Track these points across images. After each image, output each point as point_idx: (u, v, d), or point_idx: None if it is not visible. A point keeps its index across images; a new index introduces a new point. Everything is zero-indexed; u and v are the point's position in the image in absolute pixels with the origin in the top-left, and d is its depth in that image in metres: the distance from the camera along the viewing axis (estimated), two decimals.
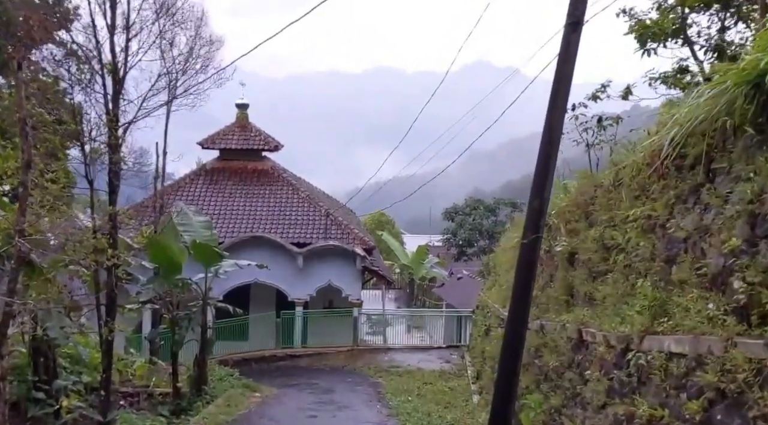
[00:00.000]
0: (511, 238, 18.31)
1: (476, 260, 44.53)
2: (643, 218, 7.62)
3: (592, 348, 8.35)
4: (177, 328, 16.65)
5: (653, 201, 7.48)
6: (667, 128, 6.83)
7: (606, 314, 8.22)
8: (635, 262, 7.74)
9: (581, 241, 10.24)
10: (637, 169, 8.06)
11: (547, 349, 10.54)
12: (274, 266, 27.05)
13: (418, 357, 26.89)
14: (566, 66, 9.29)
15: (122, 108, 14.88)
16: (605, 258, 8.99)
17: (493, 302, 19.42)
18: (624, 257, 8.07)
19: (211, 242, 16.75)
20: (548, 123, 9.39)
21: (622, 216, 8.40)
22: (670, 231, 6.89)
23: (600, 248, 9.21)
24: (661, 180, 7.32)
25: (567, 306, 10.64)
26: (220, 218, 30.20)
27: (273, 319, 28.37)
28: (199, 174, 32.75)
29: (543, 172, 9.35)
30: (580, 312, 9.38)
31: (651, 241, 7.40)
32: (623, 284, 8.01)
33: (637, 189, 8.04)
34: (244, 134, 33.61)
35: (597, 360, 7.89)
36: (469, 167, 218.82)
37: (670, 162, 7.09)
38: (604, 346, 7.71)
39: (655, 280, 7.07)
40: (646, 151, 7.83)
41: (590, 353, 8.37)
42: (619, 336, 7.23)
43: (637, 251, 7.74)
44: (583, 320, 9.03)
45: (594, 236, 9.45)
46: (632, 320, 7.12)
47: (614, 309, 8.07)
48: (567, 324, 9.57)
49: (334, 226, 29.98)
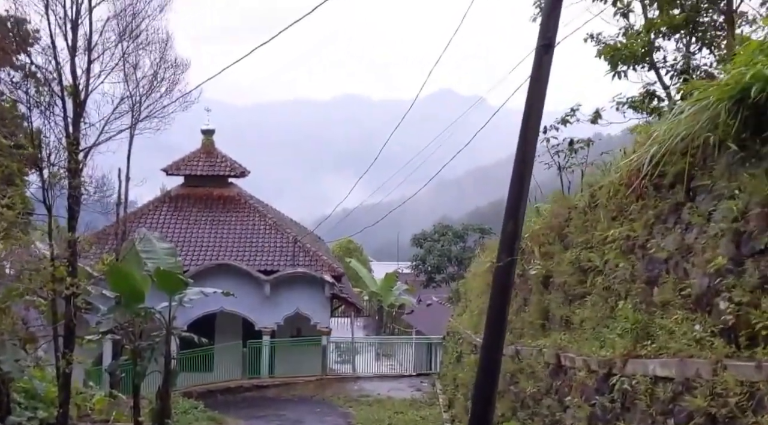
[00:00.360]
0: (482, 263, 18.14)
1: (445, 287, 44.35)
2: (622, 239, 7.47)
3: (571, 373, 8.12)
4: (139, 359, 15.97)
5: (632, 222, 7.33)
6: (645, 147, 6.70)
7: (585, 338, 8.02)
8: (614, 284, 7.57)
9: (556, 264, 10.07)
10: (613, 190, 7.93)
11: (523, 375, 10.29)
12: (241, 295, 26.36)
13: (388, 385, 26.42)
14: (538, 85, 9.24)
15: (83, 131, 14.46)
16: (582, 281, 8.81)
17: (464, 328, 19.16)
18: (602, 280, 7.90)
19: (175, 270, 16.20)
20: (521, 144, 9.29)
21: (599, 238, 8.25)
22: (651, 252, 6.74)
23: (576, 271, 9.04)
24: (639, 200, 7.18)
25: (543, 331, 10.43)
26: (184, 245, 29.54)
27: (239, 349, 27.68)
28: (163, 201, 32.08)
29: (517, 193, 9.21)
30: (557, 337, 9.17)
31: (630, 262, 7.24)
32: (602, 307, 7.83)
33: (614, 210, 7.90)
34: (209, 160, 33.10)
35: (577, 385, 7.66)
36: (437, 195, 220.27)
37: (648, 181, 6.96)
38: (584, 371, 7.49)
39: (636, 302, 6.89)
40: (622, 171, 7.71)
41: (569, 378, 8.13)
42: (601, 361, 7.02)
43: (615, 272, 7.57)
44: (560, 344, 8.81)
45: (570, 258, 9.29)
46: (614, 343, 6.92)
47: (593, 333, 7.87)
48: (544, 349, 9.34)
49: (302, 253, 29.54)
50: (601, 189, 8.40)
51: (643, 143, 6.99)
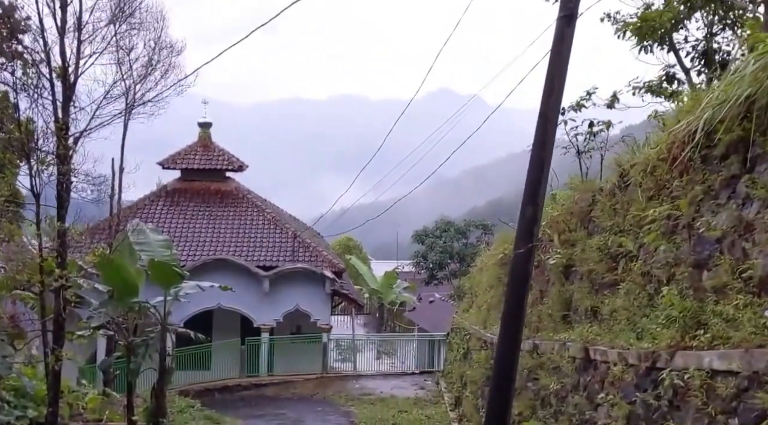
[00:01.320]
0: (492, 255, 17.42)
1: (447, 284, 43.56)
2: (662, 220, 6.75)
3: (602, 368, 7.40)
4: (132, 356, 15.25)
5: (674, 200, 6.62)
6: (696, 114, 5.96)
7: (618, 330, 7.30)
8: (654, 269, 6.84)
9: (580, 251, 9.35)
10: (651, 166, 7.20)
11: (543, 371, 9.56)
12: (239, 291, 25.72)
13: (391, 383, 25.68)
14: (559, 60, 8.58)
15: (73, 116, 13.72)
16: (612, 268, 8.09)
17: (471, 324, 18.44)
18: (638, 265, 7.16)
19: (170, 262, 15.46)
20: (541, 124, 8.62)
21: (632, 220, 7.54)
22: (700, 231, 6.01)
23: (604, 258, 8.32)
24: (683, 175, 6.46)
25: (564, 323, 9.71)
26: (181, 241, 28.77)
27: (237, 346, 26.92)
28: (159, 195, 31.28)
29: (536, 177, 8.54)
30: (584, 329, 8.44)
31: (674, 244, 6.51)
32: (639, 295, 7.10)
33: (651, 188, 7.18)
34: (206, 153, 32.30)
35: (612, 381, 6.93)
36: (434, 194, 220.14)
37: (694, 153, 6.24)
38: (620, 365, 6.76)
39: (683, 288, 6.17)
40: (661, 145, 6.98)
41: (601, 373, 7.41)
42: (641, 354, 6.29)
43: (655, 257, 6.84)
44: (588, 337, 8.09)
45: (596, 244, 8.57)
46: (656, 334, 6.20)
47: (628, 324, 7.15)
48: (569, 343, 8.62)
49: (302, 248, 28.79)
50: (634, 167, 7.68)
51: (690, 111, 6.25)
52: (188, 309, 25.50)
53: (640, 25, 11.63)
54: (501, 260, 15.71)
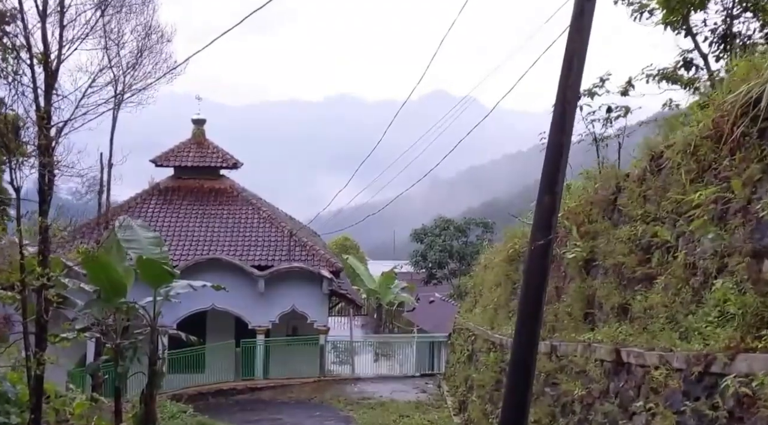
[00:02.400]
0: (498, 252, 16.67)
1: (446, 284, 42.81)
2: (710, 204, 5.96)
3: (638, 372, 6.62)
4: (120, 359, 14.45)
5: (724, 181, 5.83)
6: (754, 82, 5.18)
7: (657, 330, 6.51)
8: (700, 260, 6.06)
9: (603, 244, 8.57)
10: (692, 146, 6.42)
11: (564, 375, 8.77)
12: (234, 291, 24.87)
13: (391, 386, 24.87)
14: (580, 37, 7.82)
15: (56, 105, 12.92)
16: (644, 260, 7.32)
17: (476, 325, 17.65)
18: (682, 256, 6.37)
19: (160, 260, 14.63)
20: (559, 106, 7.86)
21: (669, 207, 6.75)
22: (760, 215, 5.23)
23: (635, 250, 7.54)
24: (736, 153, 5.67)
25: (586, 323, 8.92)
26: (174, 239, 27.95)
27: (232, 349, 26.07)
28: (151, 194, 30.43)
29: (554, 163, 7.79)
30: (613, 329, 7.65)
31: (725, 231, 5.72)
32: (681, 290, 6.32)
33: (694, 170, 6.39)
34: (200, 150, 31.47)
35: (653, 387, 6.13)
36: (430, 195, 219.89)
37: (750, 127, 5.46)
38: (662, 370, 5.97)
39: (738, 281, 5.39)
40: (706, 120, 6.20)
41: (636, 378, 6.63)
42: (691, 357, 5.50)
43: (701, 246, 6.06)
44: (618, 338, 7.30)
45: (624, 235, 7.79)
46: (709, 334, 5.41)
47: (669, 322, 6.37)
48: (595, 344, 7.83)
49: (298, 247, 27.98)
50: (671, 148, 6.90)
51: (745, 78, 5.47)
52: (181, 310, 24.72)
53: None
54: (509, 256, 14.96)
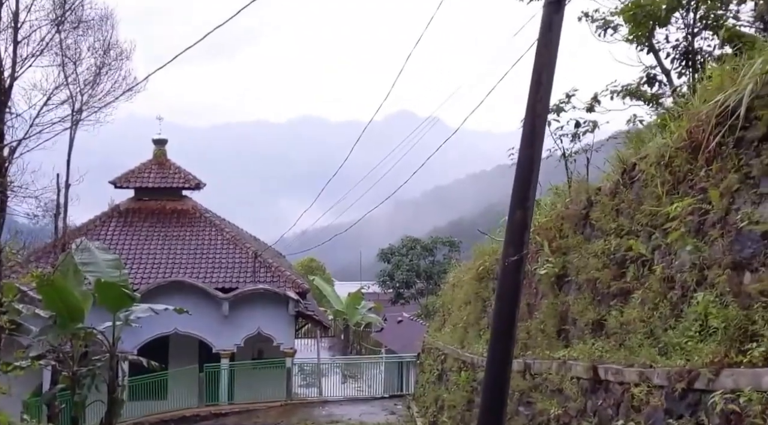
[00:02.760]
0: (467, 270, 16.51)
1: (413, 303, 42.55)
2: (686, 216, 5.84)
3: (616, 389, 6.43)
4: (77, 388, 13.87)
5: (700, 192, 5.71)
6: (731, 90, 5.08)
7: (635, 345, 6.34)
8: (678, 274, 5.92)
9: (576, 259, 8.44)
10: (667, 156, 6.32)
11: (539, 394, 8.57)
12: (197, 315, 24.29)
13: (359, 409, 24.42)
14: (548, 51, 7.86)
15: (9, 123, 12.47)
16: (619, 275, 7.18)
17: (446, 344, 17.42)
18: (660, 269, 6.23)
19: (120, 283, 14.16)
20: (530, 119, 7.83)
21: (644, 220, 6.63)
22: (740, 226, 5.11)
23: (609, 264, 7.41)
24: (713, 163, 5.56)
25: (560, 340, 8.75)
26: (134, 263, 27.23)
27: (195, 374, 25.37)
28: (111, 216, 29.64)
29: (525, 178, 7.72)
30: (588, 346, 7.48)
31: (704, 243, 5.59)
32: (659, 304, 6.17)
33: (668, 182, 6.28)
34: (161, 171, 30.85)
35: (633, 405, 5.95)
36: (395, 215, 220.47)
37: (726, 137, 5.36)
38: (642, 387, 5.79)
39: (719, 294, 5.25)
40: (680, 131, 6.10)
41: (615, 396, 6.44)
42: (673, 373, 5.33)
43: (679, 259, 5.93)
44: (595, 354, 7.12)
45: (598, 250, 7.66)
46: (690, 349, 5.25)
47: (647, 338, 6.21)
48: (571, 362, 7.65)
49: (263, 268, 27.46)
50: (644, 160, 6.80)
51: (719, 88, 5.38)
52: (142, 335, 24.01)
53: (634, 12, 10.87)
54: (479, 274, 14.80)
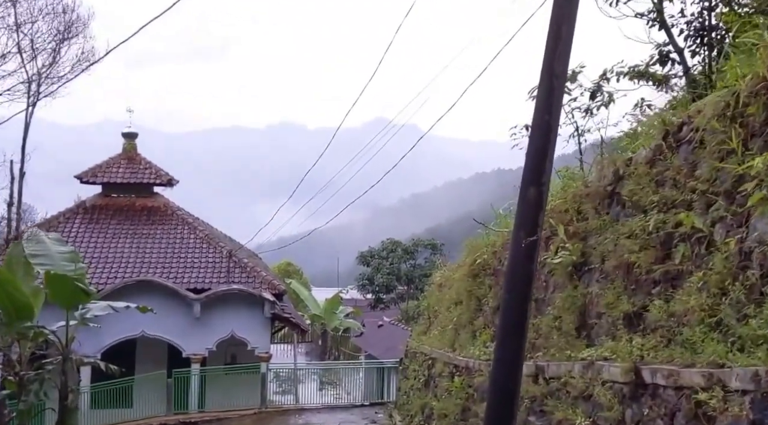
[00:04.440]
0: (458, 267, 15.26)
1: (394, 308, 41.23)
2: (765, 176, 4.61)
3: (669, 395, 5.18)
4: (24, 393, 12.33)
5: None
6: None
7: (695, 340, 5.09)
8: (757, 249, 4.68)
9: (601, 243, 7.20)
10: (733, 106, 5.09)
11: (556, 401, 7.29)
12: (166, 316, 22.83)
13: (338, 417, 23.04)
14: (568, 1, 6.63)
15: None
16: (663, 256, 5.94)
17: (433, 348, 16.12)
18: (727, 246, 4.99)
19: (74, 277, 12.64)
20: (546, 80, 6.57)
21: (701, 187, 5.40)
22: None
23: (649, 245, 6.17)
24: None
25: (581, 338, 7.50)
26: (101, 262, 25.64)
27: (163, 379, 23.76)
28: (76, 212, 27.91)
29: (541, 148, 6.52)
30: (623, 343, 6.22)
31: None
32: (728, 289, 4.92)
33: (740, 135, 5.05)
34: (131, 166, 29.23)
35: (697, 414, 4.69)
36: (373, 222, 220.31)
37: None
38: (716, 391, 4.53)
39: None
40: (757, 69, 4.87)
41: (668, 404, 5.18)
42: (764, 373, 4.08)
43: (754, 231, 4.69)
44: (633, 353, 5.86)
45: (635, 229, 6.42)
46: None
47: (711, 330, 4.96)
48: (600, 362, 6.38)
49: (238, 268, 26.00)
50: (700, 115, 5.56)
51: None
52: (105, 338, 22.52)
53: None
54: (472, 270, 13.53)
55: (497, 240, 11.91)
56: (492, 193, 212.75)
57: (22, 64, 13.07)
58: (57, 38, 13.59)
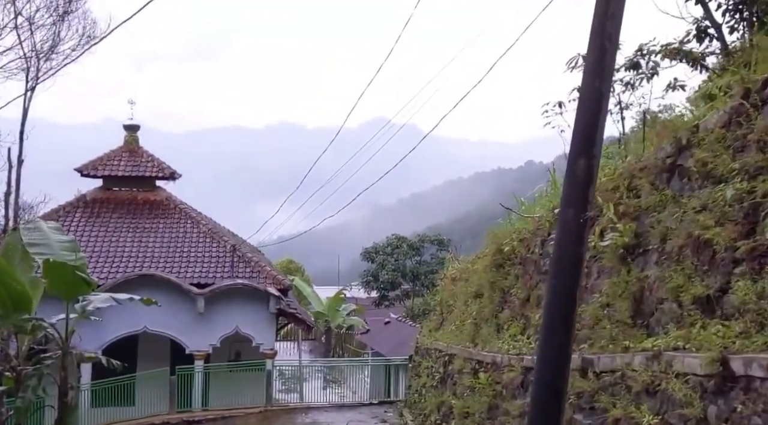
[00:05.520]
0: (479, 258, 14.56)
1: (399, 306, 40.47)
2: None
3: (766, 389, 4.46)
4: (21, 390, 11.62)
5: None
6: None
7: None
8: None
9: (661, 220, 6.49)
10: None
11: (610, 397, 6.58)
12: (169, 312, 22.15)
13: (346, 416, 22.30)
14: None
15: None
16: (747, 231, 5.23)
17: (450, 344, 15.43)
18: None
19: (74, 266, 11.92)
20: (597, 43, 5.94)
21: None
22: None
23: (728, 218, 5.46)
24: None
25: (638, 327, 6.78)
26: (102, 256, 24.92)
27: (166, 377, 23.01)
28: (76, 206, 27.17)
29: (591, 117, 5.85)
30: (695, 330, 5.51)
31: None
32: None
33: None
34: (133, 159, 28.48)
35: None
36: (372, 222, 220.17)
37: None
38: None
39: None
40: None
41: (763, 398, 4.47)
42: None
43: None
44: (716, 342, 5.14)
45: (708, 201, 5.71)
46: None
47: None
48: (670, 353, 5.66)
49: (242, 263, 25.27)
50: None
51: None
52: (107, 334, 21.83)
53: None
54: (495, 261, 12.82)
55: (527, 226, 11.20)
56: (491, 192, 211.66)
57: (18, 40, 12.35)
58: (55, 14, 12.87)
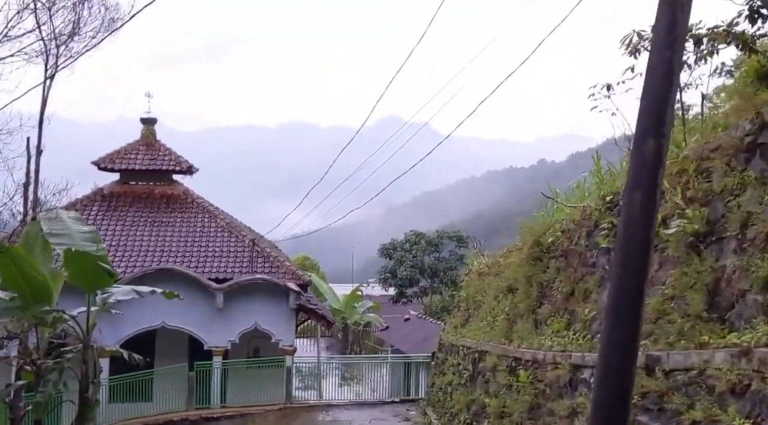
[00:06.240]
0: (512, 252, 14.01)
1: (417, 303, 39.95)
2: None
3: None
4: (41, 384, 11.20)
5: None
6: None
7: None
8: None
9: (737, 206, 5.94)
10: None
11: (684, 398, 6.04)
12: (188, 307, 21.74)
13: (367, 414, 21.81)
14: None
15: None
16: None
17: (480, 340, 14.89)
18: None
19: (96, 256, 11.49)
20: (668, 10, 5.20)
21: None
22: None
23: None
24: None
25: (713, 322, 6.23)
26: (120, 250, 24.61)
27: (184, 373, 22.65)
28: (93, 200, 26.89)
29: (661, 92, 5.11)
30: None
31: None
32: None
33: None
34: (150, 153, 28.16)
35: None
36: (385, 220, 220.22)
37: None
38: None
39: None
40: None
41: None
42: None
43: None
44: None
45: None
46: None
47: None
48: (763, 350, 5.12)
49: (261, 258, 24.86)
50: None
51: None
52: (125, 329, 21.51)
53: None
54: (531, 254, 12.28)
55: (570, 216, 10.65)
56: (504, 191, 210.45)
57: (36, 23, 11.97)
58: None
